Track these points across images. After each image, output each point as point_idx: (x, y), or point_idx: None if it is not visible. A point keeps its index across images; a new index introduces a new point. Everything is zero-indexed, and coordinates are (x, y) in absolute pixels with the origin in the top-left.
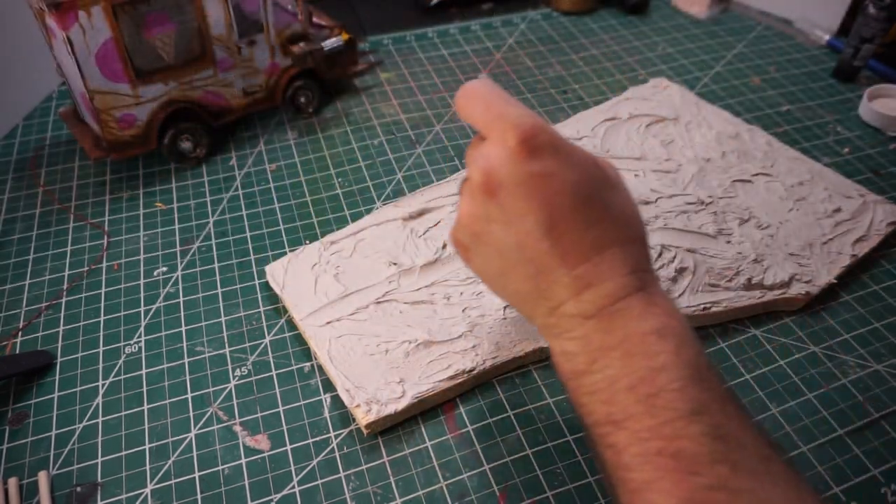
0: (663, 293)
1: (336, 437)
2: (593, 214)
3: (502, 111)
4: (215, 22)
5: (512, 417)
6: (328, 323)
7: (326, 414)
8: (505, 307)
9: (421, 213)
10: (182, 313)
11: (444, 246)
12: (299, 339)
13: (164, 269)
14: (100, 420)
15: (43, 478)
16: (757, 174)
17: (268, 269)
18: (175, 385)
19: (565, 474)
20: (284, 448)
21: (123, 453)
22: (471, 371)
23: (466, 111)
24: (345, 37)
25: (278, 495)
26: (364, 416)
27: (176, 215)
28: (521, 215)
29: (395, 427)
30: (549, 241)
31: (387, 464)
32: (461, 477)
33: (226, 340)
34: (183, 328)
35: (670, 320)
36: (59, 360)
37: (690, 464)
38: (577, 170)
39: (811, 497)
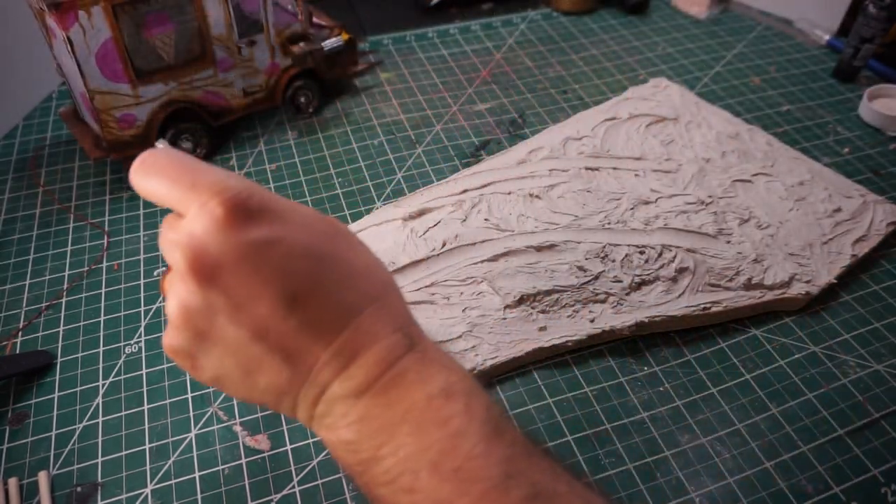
0: (434, 345)
1: None
2: (337, 274)
3: (195, 179)
4: (215, 22)
5: (512, 417)
6: None
7: None
8: (505, 307)
9: (421, 213)
10: None
11: (443, 245)
12: None
13: (165, 268)
14: (100, 420)
15: (43, 478)
16: (757, 174)
17: None
18: (175, 385)
19: None
20: (284, 448)
21: (123, 453)
22: (471, 371)
23: (148, 189)
24: (345, 37)
25: (278, 495)
26: None
27: None
28: (253, 298)
29: None
30: (294, 319)
31: None
32: None
33: None
34: None
35: (451, 376)
36: (59, 360)
37: None
38: (304, 229)
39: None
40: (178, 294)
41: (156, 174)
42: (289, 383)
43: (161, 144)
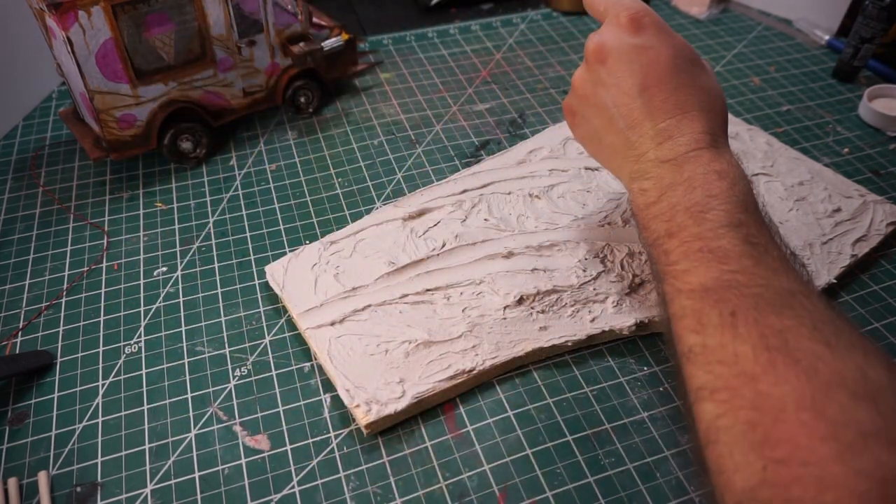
0: (731, 154)
1: (336, 437)
2: (681, 83)
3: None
4: (215, 22)
5: (512, 417)
6: (328, 323)
7: (326, 414)
8: (505, 307)
9: (421, 213)
10: (182, 313)
11: (443, 245)
12: (299, 339)
13: (164, 269)
14: (100, 420)
15: (43, 478)
16: (757, 174)
17: (268, 269)
18: (175, 385)
19: (565, 474)
20: (284, 448)
21: (123, 453)
22: (471, 371)
23: (591, 2)
24: (345, 37)
25: (278, 495)
26: (364, 416)
27: (176, 215)
28: (622, 77)
29: (395, 427)
30: (641, 100)
31: (387, 464)
32: (461, 477)
33: (226, 340)
34: (183, 328)
35: (730, 168)
36: (59, 360)
37: (723, 257)
38: (673, 47)
39: (815, 290)
40: (581, 70)
41: None
42: (623, 144)
43: None
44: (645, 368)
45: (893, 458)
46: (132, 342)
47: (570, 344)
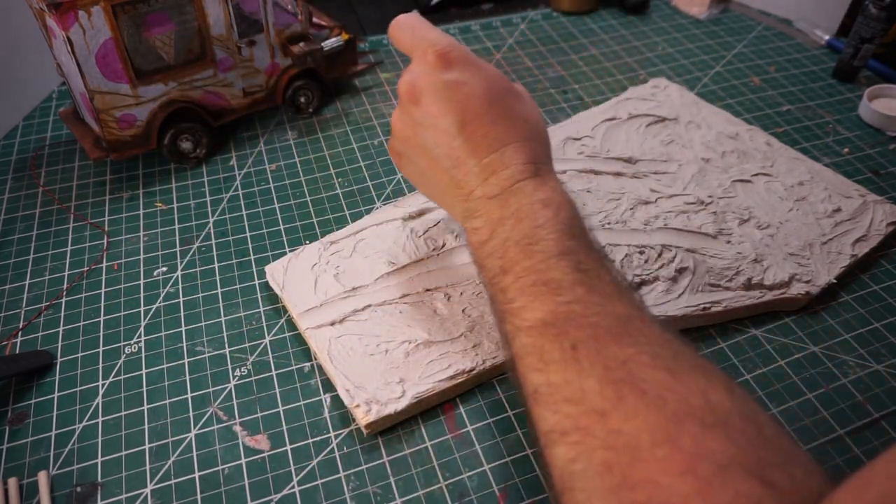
0: (555, 179)
1: (336, 437)
2: (499, 116)
3: (425, 34)
4: (215, 22)
5: (512, 417)
6: (328, 323)
7: (326, 414)
8: None
9: (421, 213)
10: (182, 313)
11: (443, 245)
12: (299, 339)
13: (164, 269)
14: (100, 420)
15: (43, 478)
16: (757, 174)
17: (268, 269)
18: (175, 385)
19: None
20: (284, 448)
21: (123, 453)
22: (471, 371)
23: (397, 38)
24: (345, 37)
25: (278, 495)
26: (364, 416)
27: (176, 215)
28: (439, 116)
29: (395, 427)
30: (461, 137)
31: (387, 464)
32: (461, 477)
33: (226, 340)
34: (183, 328)
35: (554, 194)
36: (59, 360)
37: (556, 288)
38: (485, 80)
39: (648, 311)
40: (398, 112)
41: (403, 28)
42: (450, 184)
43: (413, 12)
44: None
45: (751, 488)
46: (132, 342)
47: None
